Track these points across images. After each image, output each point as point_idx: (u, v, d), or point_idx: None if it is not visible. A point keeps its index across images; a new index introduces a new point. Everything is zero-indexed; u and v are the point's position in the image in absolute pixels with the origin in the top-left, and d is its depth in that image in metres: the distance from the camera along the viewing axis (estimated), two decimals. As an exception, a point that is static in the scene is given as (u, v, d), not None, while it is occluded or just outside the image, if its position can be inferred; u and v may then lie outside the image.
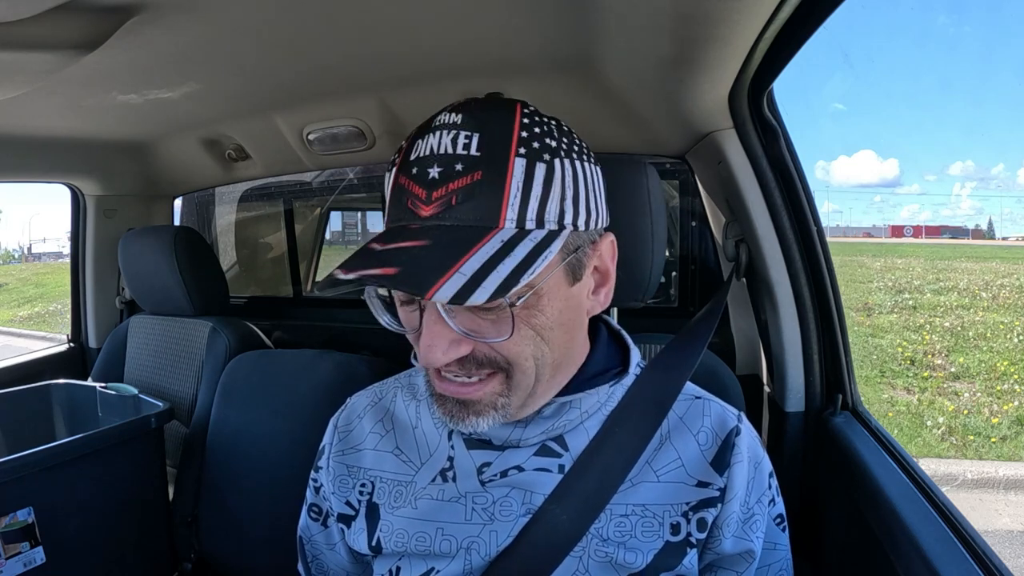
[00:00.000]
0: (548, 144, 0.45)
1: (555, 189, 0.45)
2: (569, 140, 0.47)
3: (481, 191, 0.43)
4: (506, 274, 0.41)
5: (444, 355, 0.45)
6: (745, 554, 0.54)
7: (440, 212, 0.43)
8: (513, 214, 0.43)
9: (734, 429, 0.56)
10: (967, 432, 4.08)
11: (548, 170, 0.44)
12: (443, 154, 0.44)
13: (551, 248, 0.44)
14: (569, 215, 0.46)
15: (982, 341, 5.99)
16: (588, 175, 0.48)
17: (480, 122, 0.45)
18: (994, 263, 10.31)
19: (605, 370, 0.56)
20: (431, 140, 0.45)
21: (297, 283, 1.82)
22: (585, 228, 0.47)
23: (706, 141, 0.86)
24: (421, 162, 0.45)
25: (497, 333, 0.45)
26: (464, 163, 0.43)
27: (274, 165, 1.28)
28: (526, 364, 0.47)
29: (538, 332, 0.47)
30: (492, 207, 0.43)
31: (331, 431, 0.63)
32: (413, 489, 0.56)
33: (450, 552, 0.53)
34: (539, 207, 0.44)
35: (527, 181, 0.44)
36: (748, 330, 1.02)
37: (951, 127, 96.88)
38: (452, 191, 0.43)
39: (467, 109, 0.46)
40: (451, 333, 0.45)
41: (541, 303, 0.46)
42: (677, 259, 1.29)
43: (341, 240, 2.94)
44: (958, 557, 0.53)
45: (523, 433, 0.53)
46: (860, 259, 10.99)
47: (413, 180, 0.45)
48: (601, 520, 0.52)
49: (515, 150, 0.44)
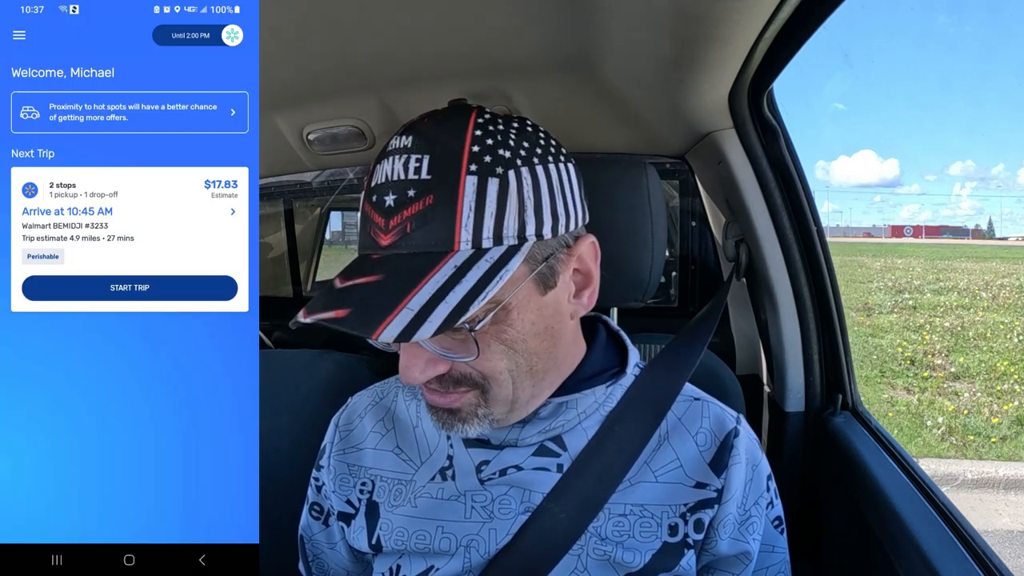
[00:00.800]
0: (501, 156, 0.44)
1: (511, 203, 0.44)
2: (532, 143, 0.46)
3: (434, 215, 0.43)
4: (454, 304, 0.41)
5: (422, 374, 0.46)
6: (741, 556, 0.55)
7: (396, 241, 0.44)
8: (468, 235, 0.43)
9: (732, 431, 0.56)
10: (967, 432, 4.08)
11: (502, 184, 0.44)
12: (396, 180, 0.44)
13: (509, 266, 0.43)
14: (531, 226, 0.45)
15: (982, 341, 5.99)
16: (554, 178, 0.47)
17: (430, 142, 0.44)
18: (994, 263, 10.31)
19: (602, 371, 0.56)
20: (386, 166, 0.45)
21: (297, 283, 1.82)
22: (553, 235, 0.46)
23: (706, 141, 0.86)
24: (378, 189, 0.45)
25: (466, 352, 0.46)
26: (415, 188, 0.43)
27: (274, 165, 1.28)
28: (501, 377, 0.48)
29: (510, 346, 0.47)
30: (446, 230, 0.43)
31: (332, 430, 0.64)
32: (413, 488, 0.56)
33: (449, 550, 0.53)
34: (495, 224, 0.44)
35: (479, 199, 0.43)
36: (748, 330, 1.02)
37: (951, 127, 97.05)
38: (406, 219, 0.44)
39: (417, 129, 0.46)
40: (426, 353, 0.46)
41: (510, 317, 0.46)
42: (677, 259, 1.29)
43: (341, 240, 2.93)
44: (958, 557, 0.53)
45: (520, 433, 0.53)
46: (860, 259, 10.99)
47: (373, 208, 0.45)
48: (599, 519, 0.52)
49: (465, 167, 0.43)
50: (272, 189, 1.84)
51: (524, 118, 0.49)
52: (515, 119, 0.48)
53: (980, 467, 3.42)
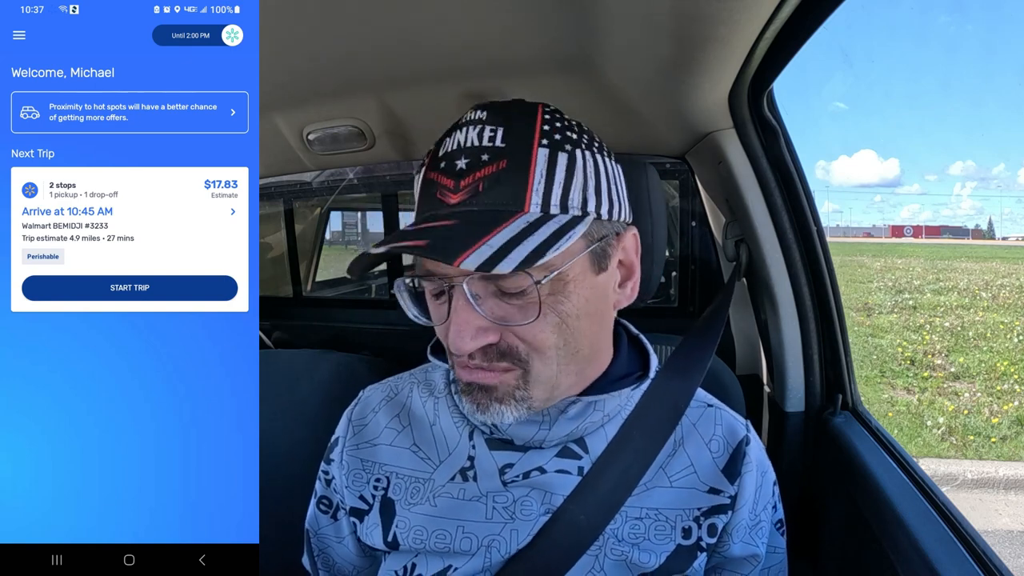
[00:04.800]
0: (569, 136, 0.47)
1: (577, 177, 0.47)
2: (589, 137, 0.50)
3: (507, 178, 0.45)
4: (532, 248, 0.42)
5: (473, 340, 0.46)
6: (751, 558, 0.56)
7: (468, 199, 0.45)
8: (538, 199, 0.45)
9: (744, 439, 0.57)
10: (967, 432, 4.08)
11: (570, 159, 0.46)
12: (470, 147, 0.46)
13: (575, 231, 0.45)
14: (592, 203, 0.47)
15: (982, 341, 5.99)
16: (609, 169, 0.50)
17: (504, 117, 0.47)
18: (994, 263, 10.31)
19: (628, 374, 0.57)
20: (458, 136, 0.47)
21: (297, 283, 1.82)
22: (608, 218, 0.49)
23: (706, 141, 0.86)
24: (449, 156, 0.47)
25: (524, 317, 0.46)
26: (490, 153, 0.45)
27: (274, 165, 1.28)
28: (548, 353, 0.48)
29: (563, 319, 0.47)
30: (517, 192, 0.45)
31: (345, 424, 0.63)
32: (431, 486, 0.56)
33: (470, 550, 0.53)
34: (562, 193, 0.46)
35: (550, 168, 0.46)
36: (748, 330, 1.02)
37: (951, 127, 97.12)
38: (479, 179, 0.45)
39: (492, 107, 0.48)
40: (479, 320, 0.46)
41: (567, 289, 0.47)
42: (677, 259, 1.29)
43: (341, 240, 2.94)
44: (958, 557, 0.54)
45: (548, 434, 0.53)
46: (860, 259, 10.99)
47: (441, 173, 0.47)
48: (617, 521, 0.53)
49: (538, 140, 0.46)
50: (272, 189, 1.84)
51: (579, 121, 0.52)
52: (574, 119, 0.51)
53: (980, 467, 3.43)
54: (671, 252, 1.30)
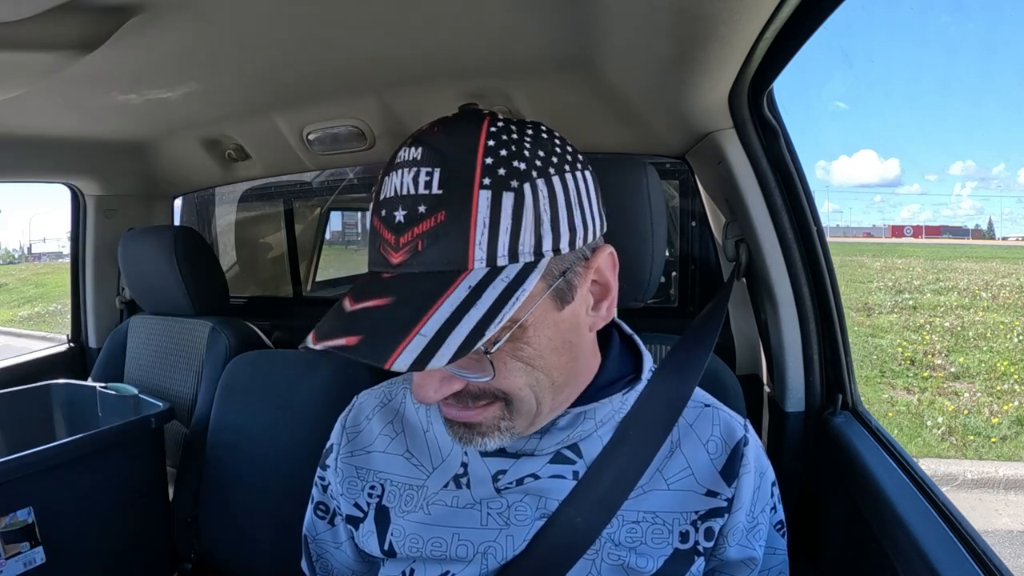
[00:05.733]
0: (516, 168, 0.42)
1: (527, 218, 0.42)
2: (547, 152, 0.44)
3: (446, 233, 0.41)
4: (469, 329, 0.39)
5: (436, 393, 0.45)
6: (748, 561, 0.55)
7: (408, 259, 0.42)
8: (482, 253, 0.41)
9: (742, 439, 0.56)
10: (967, 432, 4.08)
11: (517, 198, 0.41)
12: (405, 195, 0.42)
13: (525, 285, 0.41)
14: (548, 241, 0.43)
15: (982, 341, 5.99)
16: (571, 189, 0.44)
17: (440, 155, 0.42)
18: (994, 263, 10.31)
19: (618, 378, 0.56)
20: (394, 179, 0.43)
21: (297, 283, 1.82)
22: (571, 248, 0.44)
23: (706, 141, 0.86)
24: (387, 204, 0.43)
25: (482, 372, 0.44)
26: (426, 204, 0.41)
27: (274, 165, 1.28)
28: (522, 393, 0.46)
29: (527, 363, 0.45)
30: (459, 248, 0.41)
31: (339, 431, 0.63)
32: (425, 494, 0.56)
33: (467, 557, 0.53)
34: (510, 240, 0.41)
35: (494, 214, 0.41)
36: (748, 330, 1.02)
37: (951, 127, 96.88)
38: (417, 236, 0.42)
39: (426, 140, 0.44)
40: (440, 372, 0.45)
41: (527, 335, 0.44)
42: (677, 259, 1.29)
43: (341, 240, 2.93)
44: (958, 557, 0.54)
45: (539, 443, 0.53)
46: (860, 259, 10.99)
47: (383, 223, 0.43)
48: (613, 525, 0.53)
49: (479, 182, 0.41)
50: (272, 189, 1.84)
51: (539, 123, 0.47)
52: (529, 125, 0.46)
53: (980, 467, 3.43)
54: (671, 252, 1.30)
